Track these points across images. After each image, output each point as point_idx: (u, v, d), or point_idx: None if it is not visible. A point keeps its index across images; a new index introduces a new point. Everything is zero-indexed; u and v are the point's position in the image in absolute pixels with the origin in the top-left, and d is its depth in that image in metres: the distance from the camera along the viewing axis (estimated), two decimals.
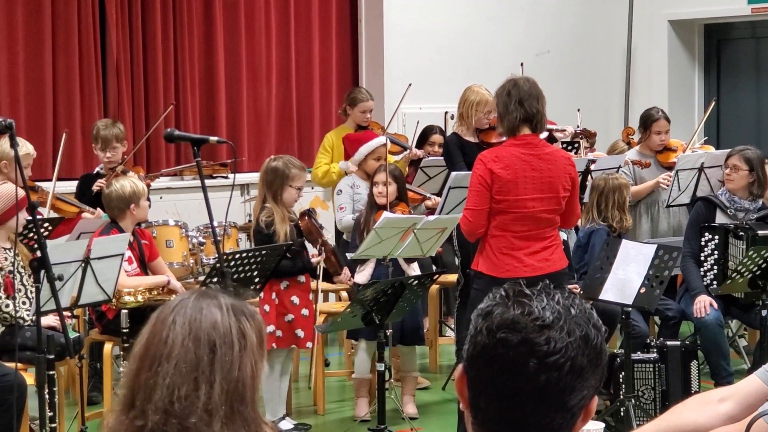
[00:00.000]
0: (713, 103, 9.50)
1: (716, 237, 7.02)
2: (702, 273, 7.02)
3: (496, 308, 1.73)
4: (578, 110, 9.27)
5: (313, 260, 6.61)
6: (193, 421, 2.10)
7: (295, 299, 6.55)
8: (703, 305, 6.78)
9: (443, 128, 8.99)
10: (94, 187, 7.17)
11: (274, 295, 6.49)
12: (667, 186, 7.75)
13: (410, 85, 8.99)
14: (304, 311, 6.56)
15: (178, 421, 2.10)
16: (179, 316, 2.18)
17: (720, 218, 7.10)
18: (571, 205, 5.73)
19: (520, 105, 5.49)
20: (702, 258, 7.05)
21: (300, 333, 6.52)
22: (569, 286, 5.93)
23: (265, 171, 6.56)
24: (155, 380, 2.11)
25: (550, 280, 1.84)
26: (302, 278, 6.60)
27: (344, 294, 7.83)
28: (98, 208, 7.10)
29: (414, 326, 6.86)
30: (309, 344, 6.65)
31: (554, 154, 5.66)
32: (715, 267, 7.00)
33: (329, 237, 6.98)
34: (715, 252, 7.01)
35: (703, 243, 7.05)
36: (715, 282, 6.97)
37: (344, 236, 7.51)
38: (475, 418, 1.76)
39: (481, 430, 1.76)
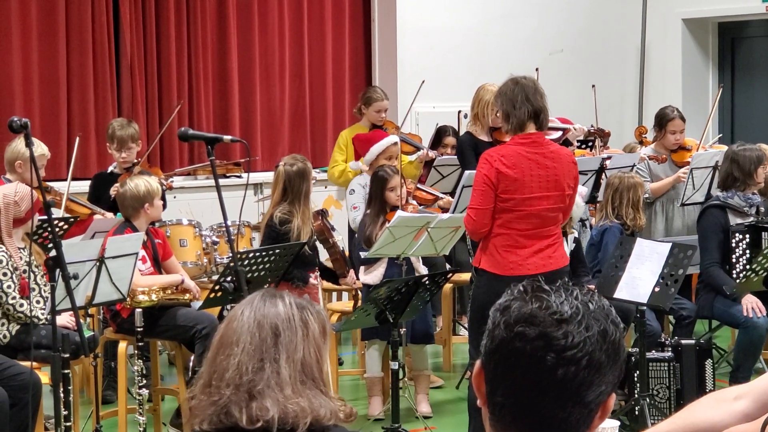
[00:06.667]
0: (720, 90, 9.46)
1: (746, 236, 6.97)
2: (735, 276, 6.94)
3: (514, 302, 1.73)
4: (596, 110, 9.23)
5: (312, 281, 6.59)
6: (260, 389, 2.41)
7: (306, 297, 6.55)
8: (756, 305, 6.74)
9: (456, 128, 8.98)
10: (112, 192, 7.16)
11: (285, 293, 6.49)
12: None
13: (423, 81, 8.96)
14: None
15: (246, 390, 2.42)
16: (247, 309, 2.51)
17: (733, 220, 7.07)
18: (568, 204, 5.75)
19: (527, 101, 5.47)
20: (733, 260, 6.99)
21: None
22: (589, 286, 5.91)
23: (288, 177, 6.50)
24: (227, 362, 2.45)
25: (551, 278, 1.84)
26: (312, 277, 6.61)
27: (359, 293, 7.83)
28: (112, 213, 7.11)
29: (424, 326, 6.84)
30: None
31: (558, 152, 5.65)
32: (749, 267, 6.90)
33: (340, 239, 6.99)
34: (747, 252, 6.96)
35: (733, 244, 6.99)
36: None
37: (357, 235, 7.51)
38: (492, 413, 1.76)
39: (498, 426, 1.75)
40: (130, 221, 6.41)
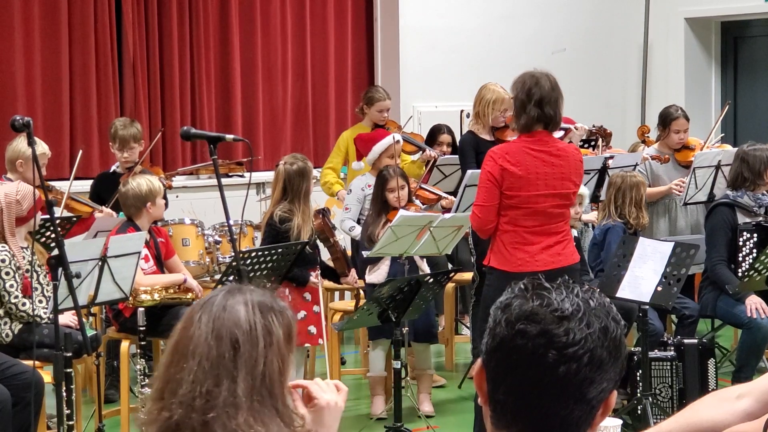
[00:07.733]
0: (727, 106, 9.46)
1: (754, 235, 6.96)
2: (740, 274, 6.93)
3: (515, 300, 1.73)
4: (604, 128, 9.23)
5: (313, 280, 6.60)
6: (212, 416, 2.18)
7: (307, 296, 6.58)
8: (760, 306, 6.73)
9: (455, 127, 8.98)
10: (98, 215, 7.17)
11: (287, 292, 6.50)
12: (680, 193, 7.74)
13: (411, 117, 9.02)
14: (315, 308, 6.58)
15: (198, 416, 2.19)
16: (205, 314, 2.26)
17: (741, 219, 7.06)
18: (573, 201, 5.77)
19: (538, 107, 5.42)
20: (740, 258, 6.98)
21: (312, 329, 6.54)
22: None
23: (288, 176, 6.51)
24: (181, 375, 2.22)
25: (561, 275, 1.83)
26: (313, 275, 6.61)
27: (362, 292, 7.83)
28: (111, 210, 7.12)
29: (427, 324, 6.85)
30: (320, 341, 6.66)
31: (565, 150, 5.64)
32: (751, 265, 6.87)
33: (341, 238, 6.98)
34: (754, 251, 6.94)
35: (740, 243, 6.98)
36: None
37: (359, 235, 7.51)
38: (494, 411, 1.76)
39: (499, 424, 1.75)
40: (133, 220, 6.41)
